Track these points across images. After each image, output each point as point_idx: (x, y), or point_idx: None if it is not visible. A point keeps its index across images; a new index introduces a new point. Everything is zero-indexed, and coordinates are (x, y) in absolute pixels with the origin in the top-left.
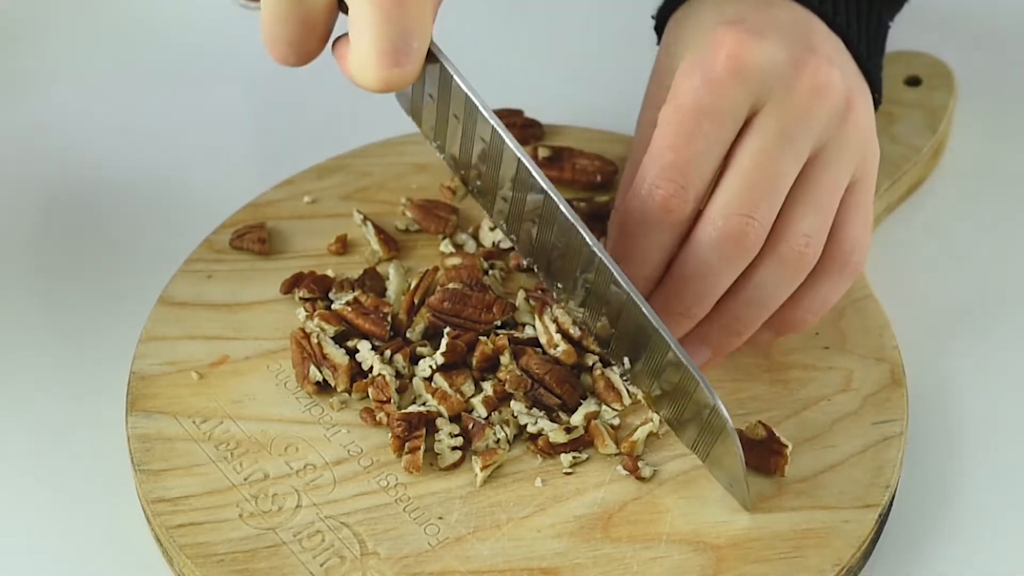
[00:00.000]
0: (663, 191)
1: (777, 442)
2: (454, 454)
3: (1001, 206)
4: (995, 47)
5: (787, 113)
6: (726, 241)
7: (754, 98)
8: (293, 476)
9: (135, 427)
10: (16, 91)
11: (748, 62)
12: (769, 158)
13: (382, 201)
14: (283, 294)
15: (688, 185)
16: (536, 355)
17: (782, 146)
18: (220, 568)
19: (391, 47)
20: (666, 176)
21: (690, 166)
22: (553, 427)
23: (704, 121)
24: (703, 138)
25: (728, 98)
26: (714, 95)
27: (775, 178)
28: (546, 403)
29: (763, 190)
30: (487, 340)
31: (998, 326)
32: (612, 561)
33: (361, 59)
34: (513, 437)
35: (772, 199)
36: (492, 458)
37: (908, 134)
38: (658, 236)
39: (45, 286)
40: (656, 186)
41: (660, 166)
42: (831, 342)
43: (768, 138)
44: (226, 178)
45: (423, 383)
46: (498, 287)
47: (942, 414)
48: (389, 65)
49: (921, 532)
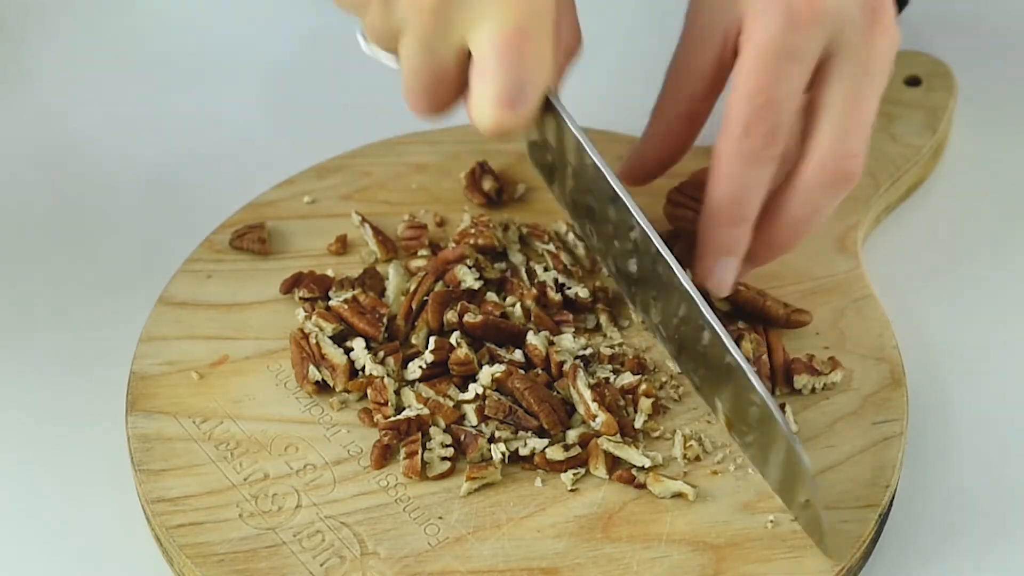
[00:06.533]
0: (762, 129)
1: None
2: (443, 464)
3: (1001, 206)
4: (995, 47)
5: (865, 56)
6: (838, 181)
7: (829, 40)
8: (293, 476)
9: (135, 427)
10: (15, 90)
11: (826, 7)
12: (860, 98)
13: (382, 201)
14: (283, 294)
15: (781, 123)
16: (519, 374)
17: (867, 87)
18: (220, 568)
19: (507, 92)
20: (762, 115)
21: (781, 105)
22: (543, 442)
23: (789, 63)
24: (788, 79)
25: (810, 41)
26: (797, 38)
27: (867, 117)
28: (524, 426)
29: (860, 129)
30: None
31: (998, 326)
32: (612, 561)
33: (479, 102)
34: (508, 458)
35: (866, 135)
36: (481, 473)
37: (908, 134)
38: (760, 173)
39: (45, 286)
40: (754, 125)
41: (753, 105)
42: (831, 342)
43: (855, 80)
44: (226, 178)
45: (412, 393)
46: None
47: (942, 414)
48: (503, 110)
49: (921, 532)
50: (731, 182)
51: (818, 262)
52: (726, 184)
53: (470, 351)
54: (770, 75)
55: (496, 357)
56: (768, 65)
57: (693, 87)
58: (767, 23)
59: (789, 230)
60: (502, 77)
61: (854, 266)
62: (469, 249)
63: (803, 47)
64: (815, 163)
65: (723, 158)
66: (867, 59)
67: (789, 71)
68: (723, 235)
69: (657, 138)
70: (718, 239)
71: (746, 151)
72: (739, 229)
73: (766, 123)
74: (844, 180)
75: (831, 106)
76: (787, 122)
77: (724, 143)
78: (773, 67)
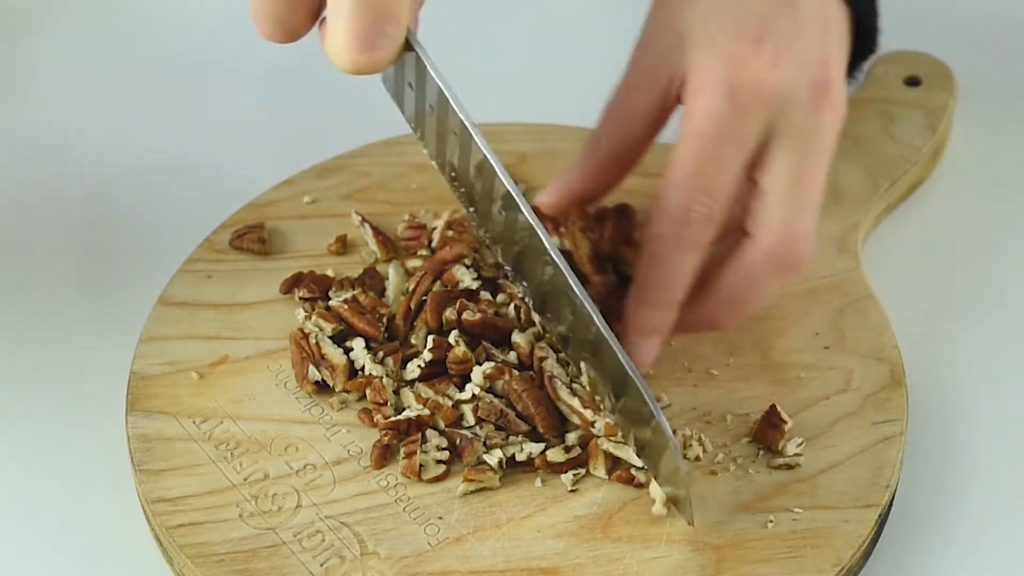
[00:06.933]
0: (700, 214)
1: (778, 416)
2: (438, 467)
3: (1001, 206)
4: (995, 47)
5: (809, 134)
6: (785, 266)
7: (771, 121)
8: (293, 476)
9: (135, 427)
10: (15, 91)
11: (769, 90)
12: (805, 177)
13: (382, 201)
14: (283, 294)
15: (717, 208)
16: (516, 376)
17: (812, 165)
18: (220, 568)
19: (364, 31)
20: (699, 199)
21: (718, 191)
22: (539, 447)
23: (729, 148)
24: (726, 164)
25: (751, 125)
26: (737, 122)
27: (814, 196)
28: (515, 430)
29: (807, 209)
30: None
31: (998, 326)
32: (612, 561)
33: (336, 41)
34: (505, 463)
35: (813, 215)
36: (479, 477)
37: (908, 134)
38: (692, 258)
39: (45, 286)
40: (690, 209)
41: (690, 189)
42: (831, 342)
43: (799, 159)
44: (226, 178)
45: (411, 394)
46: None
47: (942, 414)
48: (361, 49)
49: (921, 532)
50: (661, 266)
51: (818, 262)
52: (656, 267)
53: (468, 350)
54: (708, 159)
55: (491, 356)
56: (707, 148)
57: (632, 129)
58: (708, 103)
59: (727, 308)
60: (359, 13)
61: (854, 266)
62: (466, 249)
63: (743, 131)
64: (762, 247)
65: (655, 242)
66: (811, 137)
67: (727, 155)
68: (648, 317)
69: (587, 174)
70: (643, 320)
71: (679, 236)
72: (665, 312)
73: (703, 207)
74: (791, 265)
75: (776, 188)
76: (724, 206)
77: (658, 226)
78: (711, 151)
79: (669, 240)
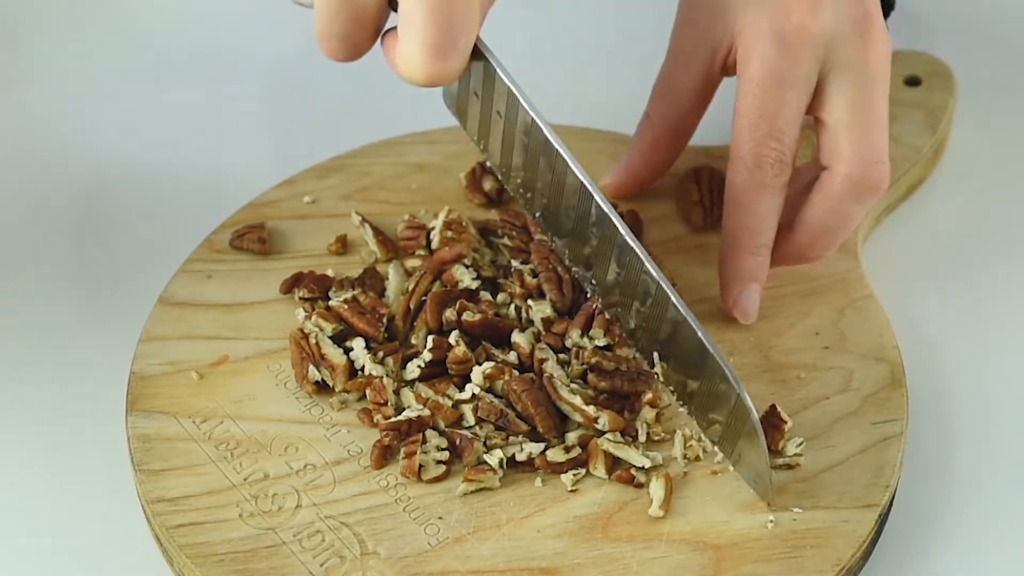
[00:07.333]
0: (771, 158)
1: (778, 417)
2: (438, 467)
3: (1001, 206)
4: (995, 47)
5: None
6: (866, 190)
7: (824, 59)
8: (293, 476)
9: (135, 427)
10: (15, 90)
11: (817, 31)
12: (870, 104)
13: (382, 201)
14: (283, 294)
15: (786, 149)
16: (516, 376)
17: (872, 93)
18: (220, 568)
19: (438, 41)
20: (768, 144)
21: (784, 131)
22: (539, 447)
23: (787, 90)
24: (787, 106)
25: (804, 65)
26: (791, 64)
27: (882, 120)
28: (515, 431)
29: (879, 132)
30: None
31: (998, 326)
32: (612, 561)
33: (408, 53)
34: (506, 463)
35: (885, 138)
36: (479, 477)
37: (908, 134)
38: (772, 201)
39: (45, 286)
40: (762, 155)
41: (759, 136)
42: (831, 342)
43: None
44: (226, 178)
45: (411, 394)
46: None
47: (942, 414)
48: (435, 60)
49: (921, 532)
50: (745, 212)
51: (818, 262)
52: (740, 214)
53: (468, 350)
54: (770, 104)
55: (491, 356)
56: (767, 95)
57: (680, 102)
58: (761, 52)
59: (818, 241)
60: (431, 24)
61: (854, 266)
62: (466, 248)
63: (798, 72)
64: (840, 175)
65: (735, 189)
66: (863, 67)
67: (787, 97)
68: (743, 264)
69: (644, 152)
70: (739, 269)
71: (756, 181)
72: (758, 257)
73: (772, 152)
74: (871, 188)
75: (840, 119)
76: (792, 147)
77: (734, 175)
78: (772, 96)
79: (747, 186)
